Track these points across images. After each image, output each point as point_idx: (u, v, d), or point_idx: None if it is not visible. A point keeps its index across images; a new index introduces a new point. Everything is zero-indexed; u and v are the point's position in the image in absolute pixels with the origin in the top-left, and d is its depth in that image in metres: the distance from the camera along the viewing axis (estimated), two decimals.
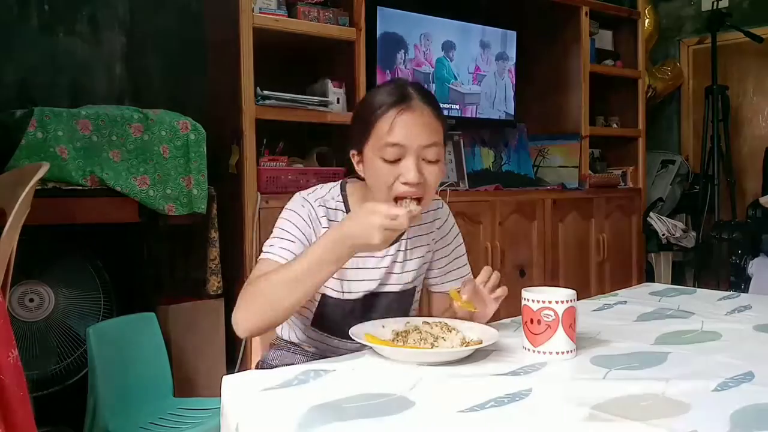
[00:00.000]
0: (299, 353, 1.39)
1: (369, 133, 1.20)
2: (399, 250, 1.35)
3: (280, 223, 1.27)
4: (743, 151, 4.29)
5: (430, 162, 1.20)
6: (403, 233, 1.33)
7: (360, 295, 1.32)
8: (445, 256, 1.43)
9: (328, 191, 1.32)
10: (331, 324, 1.34)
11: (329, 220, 1.28)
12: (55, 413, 2.12)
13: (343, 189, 1.34)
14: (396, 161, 1.18)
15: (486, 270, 1.22)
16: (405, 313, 1.40)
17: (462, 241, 1.47)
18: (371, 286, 1.33)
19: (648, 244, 3.85)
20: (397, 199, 1.20)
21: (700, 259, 4.01)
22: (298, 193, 1.32)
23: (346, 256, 1.11)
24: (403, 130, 1.17)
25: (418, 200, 1.20)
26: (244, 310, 1.15)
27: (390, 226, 1.06)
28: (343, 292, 1.31)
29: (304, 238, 1.25)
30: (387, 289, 1.35)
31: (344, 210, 1.31)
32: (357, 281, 1.32)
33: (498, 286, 1.24)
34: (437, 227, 1.42)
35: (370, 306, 1.34)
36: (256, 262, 1.26)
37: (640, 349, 1.18)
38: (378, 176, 1.20)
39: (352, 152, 1.27)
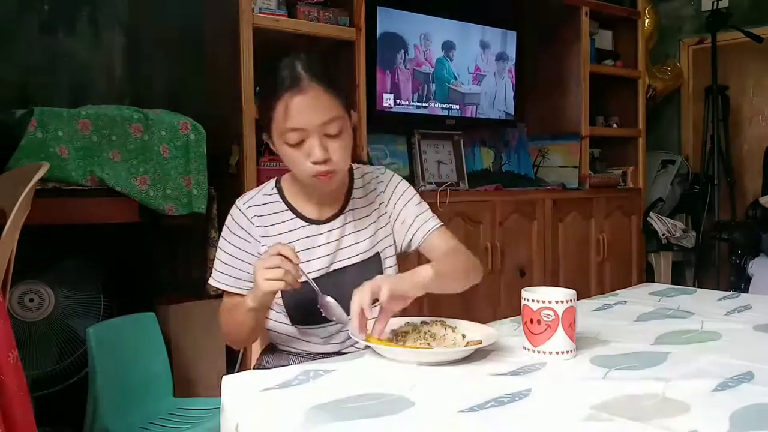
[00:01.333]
0: (294, 353, 1.39)
1: (271, 119, 1.23)
2: (346, 222, 1.37)
3: (221, 243, 1.36)
4: (743, 151, 4.30)
5: (333, 136, 1.22)
6: (344, 206, 1.37)
7: (318, 273, 1.32)
8: (400, 214, 1.42)
9: (260, 190, 1.39)
10: (307, 314, 1.32)
11: (258, 216, 1.33)
12: (55, 413, 2.12)
13: (278, 182, 1.39)
14: (300, 143, 1.21)
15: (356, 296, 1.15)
16: None
17: (413, 194, 1.44)
18: (325, 263, 1.34)
19: (648, 244, 3.85)
20: (315, 177, 1.23)
21: (700, 259, 4.02)
22: (234, 202, 1.38)
23: (262, 306, 1.22)
24: (299, 114, 1.19)
25: (329, 175, 1.23)
26: (223, 333, 1.35)
27: (264, 266, 1.13)
28: (301, 276, 1.31)
29: (244, 253, 1.32)
30: (346, 263, 1.36)
31: (279, 200, 1.36)
32: (310, 261, 1.32)
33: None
34: (381, 191, 1.42)
35: (336, 283, 1.32)
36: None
37: (640, 349, 1.18)
38: (289, 161, 1.25)
39: (265, 135, 1.30)
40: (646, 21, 3.96)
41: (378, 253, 1.40)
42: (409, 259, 1.49)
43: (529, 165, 3.49)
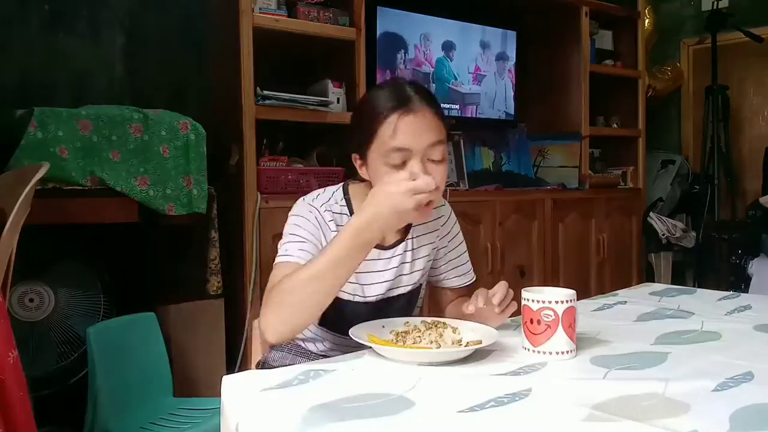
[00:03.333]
0: (301, 355, 1.39)
1: (371, 138, 1.19)
2: (406, 250, 1.36)
3: (289, 228, 1.26)
4: (743, 151, 4.29)
5: (435, 162, 1.19)
6: (408, 232, 1.34)
7: (373, 298, 1.33)
8: (450, 252, 1.45)
9: (332, 195, 1.32)
10: (341, 324, 1.32)
11: (337, 224, 1.27)
12: (55, 413, 2.12)
13: (345, 192, 1.33)
14: (402, 164, 1.17)
15: (502, 285, 1.20)
16: (410, 311, 1.40)
17: (463, 238, 1.48)
18: (383, 288, 1.33)
19: (648, 244, 3.85)
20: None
21: (700, 259, 4.01)
22: (301, 199, 1.31)
23: (371, 243, 1.08)
24: (407, 134, 1.16)
25: (429, 204, 1.16)
26: (273, 313, 1.12)
27: (416, 188, 1.03)
28: (355, 295, 1.31)
29: (316, 239, 1.24)
30: (398, 291, 1.36)
31: (348, 213, 1.30)
32: (369, 285, 1.32)
33: (509, 302, 1.21)
34: (441, 224, 1.43)
35: (382, 309, 1.33)
36: (274, 267, 1.23)
37: (640, 349, 1.18)
38: None
39: (354, 156, 1.26)
40: (646, 21, 3.96)
41: (421, 285, 1.41)
42: None
43: (529, 165, 3.49)
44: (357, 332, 1.17)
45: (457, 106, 3.18)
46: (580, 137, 3.41)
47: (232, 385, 1.02)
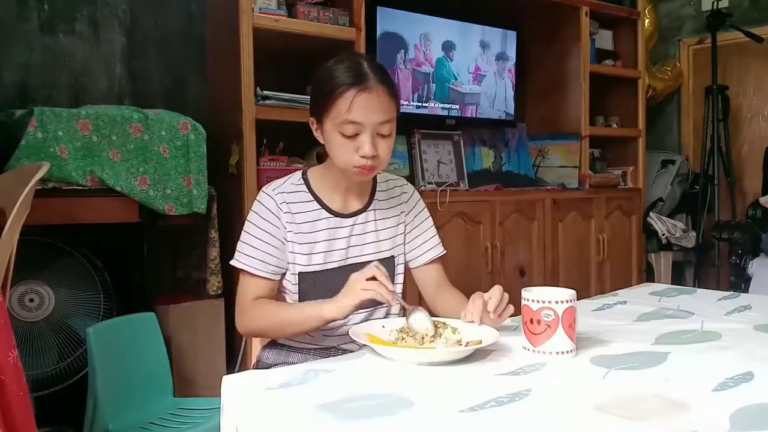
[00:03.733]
0: (293, 351, 1.41)
1: (329, 109, 1.28)
2: (369, 220, 1.42)
3: (245, 226, 1.38)
4: (743, 151, 4.29)
5: (383, 136, 1.30)
6: (370, 203, 1.43)
7: (336, 265, 1.38)
8: (416, 228, 1.50)
9: (287, 179, 1.41)
10: (316, 297, 1.36)
11: (286, 203, 1.36)
12: (55, 413, 2.12)
13: (304, 174, 1.43)
14: (354, 136, 1.28)
15: (496, 290, 1.23)
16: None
17: (429, 215, 1.53)
18: (345, 254, 1.39)
19: (648, 244, 3.85)
20: (357, 168, 1.29)
21: (700, 259, 4.01)
22: (262, 189, 1.41)
23: (336, 318, 1.24)
24: (361, 110, 1.26)
25: (371, 170, 1.31)
26: (241, 321, 1.35)
27: (366, 286, 1.19)
28: (320, 264, 1.37)
29: (272, 237, 1.35)
30: (363, 258, 1.40)
31: (306, 190, 1.39)
32: (330, 251, 1.38)
33: (504, 307, 1.23)
34: (404, 200, 1.49)
35: (349, 276, 1.36)
36: (233, 266, 1.39)
37: (640, 349, 1.18)
38: (337, 149, 1.30)
39: (311, 119, 1.36)
40: (646, 21, 3.96)
41: (393, 257, 1.46)
42: None
43: (529, 165, 3.49)
44: (357, 332, 1.17)
45: (457, 106, 3.18)
46: (580, 137, 3.41)
47: (232, 385, 1.02)
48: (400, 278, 1.46)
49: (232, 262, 1.37)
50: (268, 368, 1.37)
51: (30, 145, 1.99)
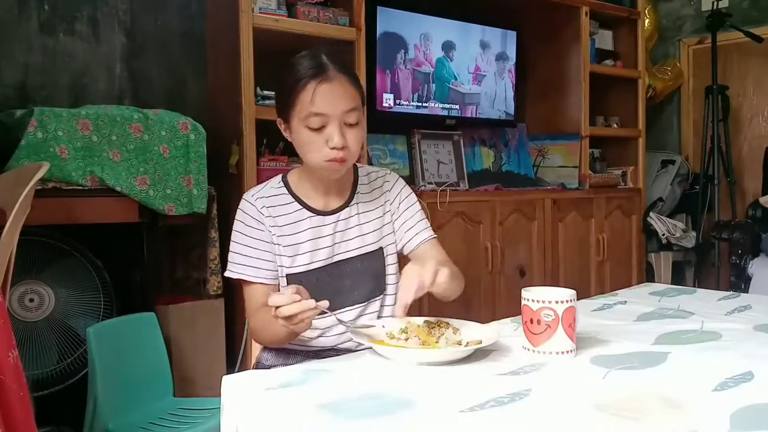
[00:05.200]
0: (292, 353, 1.41)
1: (293, 104, 1.28)
2: (351, 215, 1.41)
3: (234, 236, 1.37)
4: (743, 151, 4.29)
5: (351, 125, 1.28)
6: (352, 198, 1.41)
7: (322, 263, 1.37)
8: (402, 215, 1.47)
9: (266, 184, 1.42)
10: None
11: (267, 207, 1.36)
12: (55, 413, 2.12)
13: (284, 177, 1.43)
14: (321, 128, 1.27)
15: (410, 270, 1.17)
16: (381, 278, 1.41)
17: (416, 201, 1.50)
18: (329, 253, 1.37)
19: (648, 244, 3.85)
20: (328, 161, 1.28)
21: (700, 259, 4.01)
22: (242, 197, 1.41)
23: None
24: (324, 100, 1.25)
25: (342, 162, 1.28)
26: (255, 337, 1.36)
27: (272, 302, 1.10)
28: (307, 264, 1.36)
29: (261, 242, 1.34)
30: (350, 254, 1.39)
31: (286, 192, 1.39)
32: (315, 251, 1.36)
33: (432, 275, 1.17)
34: (387, 189, 1.48)
35: (338, 274, 1.37)
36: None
37: (640, 349, 1.18)
38: (306, 144, 1.29)
39: (279, 120, 1.37)
40: (646, 21, 3.96)
41: (381, 248, 1.44)
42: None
43: (529, 165, 3.49)
44: (357, 332, 1.17)
45: (457, 106, 3.18)
46: (580, 137, 3.41)
47: (232, 385, 1.02)
48: (391, 269, 1.44)
49: (227, 274, 1.36)
50: (267, 369, 1.37)
51: (30, 145, 1.99)
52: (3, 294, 1.44)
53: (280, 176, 1.44)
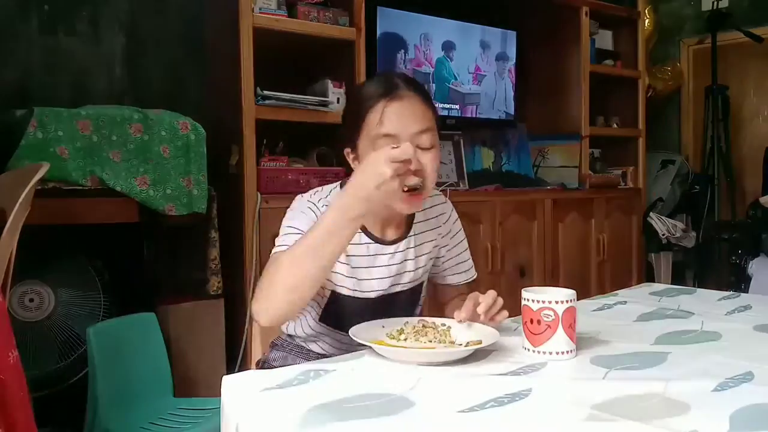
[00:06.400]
0: (302, 355, 1.39)
1: (360, 128, 1.20)
2: (409, 247, 1.35)
3: (286, 221, 1.26)
4: (743, 151, 4.29)
5: (425, 149, 1.19)
6: (410, 229, 1.34)
7: (373, 294, 1.32)
8: (452, 250, 1.45)
9: (330, 191, 1.32)
10: (341, 321, 1.31)
11: None
12: (55, 413, 2.12)
13: (342, 186, 1.33)
14: None
15: (489, 295, 1.18)
16: (413, 308, 1.40)
17: (465, 236, 1.48)
18: (384, 284, 1.33)
19: (648, 244, 3.85)
20: (408, 192, 1.17)
21: (700, 259, 4.01)
22: (299, 196, 1.32)
23: (358, 218, 1.05)
24: (394, 120, 1.17)
25: (419, 196, 1.19)
26: (266, 295, 1.10)
27: (392, 155, 1.00)
28: (355, 290, 1.31)
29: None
30: (400, 288, 1.35)
31: None
32: (369, 280, 1.31)
33: (497, 311, 1.19)
34: (443, 222, 1.43)
35: (384, 306, 1.32)
36: (270, 257, 1.20)
37: (640, 349, 1.17)
38: None
39: (347, 150, 1.27)
40: (646, 21, 3.96)
41: (422, 282, 1.41)
42: None
43: (529, 165, 3.49)
44: (357, 332, 1.17)
45: (457, 106, 3.17)
46: (580, 137, 3.41)
47: (232, 385, 1.02)
48: (422, 299, 1.42)
49: (277, 250, 1.19)
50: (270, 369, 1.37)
51: (30, 145, 1.99)
52: (3, 294, 1.44)
53: (339, 185, 1.32)
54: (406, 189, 1.15)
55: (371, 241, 1.31)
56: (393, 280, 1.34)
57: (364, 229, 1.30)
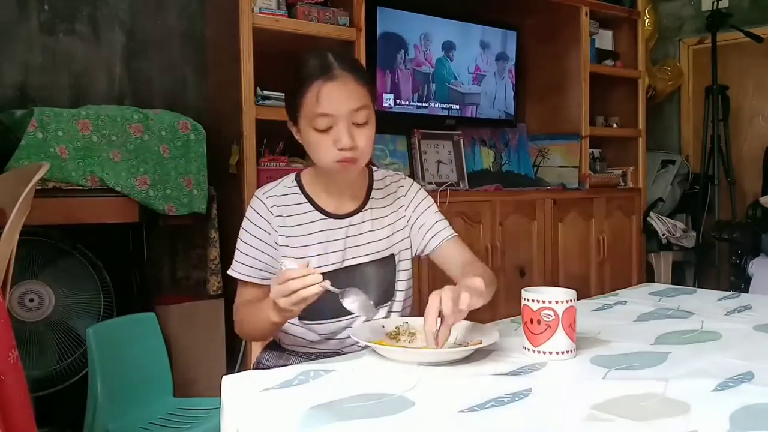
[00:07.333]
0: (293, 354, 1.40)
1: (299, 106, 1.26)
2: (364, 220, 1.38)
3: (240, 233, 1.36)
4: (743, 151, 4.29)
5: (360, 125, 1.26)
6: (366, 202, 1.39)
7: (333, 267, 1.34)
8: (419, 218, 1.45)
9: (280, 182, 1.40)
10: (311, 308, 1.25)
11: (277, 206, 1.34)
12: (55, 413, 2.12)
13: (298, 176, 1.42)
14: (328, 129, 1.24)
15: (447, 297, 1.10)
16: (391, 285, 1.40)
17: (432, 203, 1.48)
18: (339, 257, 1.35)
19: (648, 244, 3.85)
20: (339, 162, 1.26)
21: (700, 259, 4.01)
22: (255, 193, 1.39)
23: (280, 317, 1.16)
24: (329, 100, 1.23)
25: (353, 161, 1.27)
26: (239, 330, 1.34)
27: (280, 291, 1.08)
28: (318, 267, 1.30)
29: (261, 243, 1.33)
30: (360, 260, 1.37)
31: (299, 192, 1.38)
32: (325, 254, 1.34)
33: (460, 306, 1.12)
34: (402, 194, 1.46)
35: (348, 279, 1.33)
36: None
37: (640, 349, 1.18)
38: (315, 145, 1.28)
39: (289, 123, 1.34)
40: (646, 21, 3.96)
41: (393, 255, 1.42)
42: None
43: (529, 165, 3.49)
44: (357, 332, 1.17)
45: (457, 106, 3.18)
46: (580, 137, 3.41)
47: (232, 385, 1.02)
48: (403, 275, 1.42)
49: (229, 272, 1.37)
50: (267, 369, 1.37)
51: (30, 145, 1.99)
52: (3, 294, 1.44)
53: (293, 174, 1.42)
54: (340, 160, 1.25)
55: (324, 217, 1.36)
56: (351, 251, 1.36)
57: (317, 207, 1.36)
